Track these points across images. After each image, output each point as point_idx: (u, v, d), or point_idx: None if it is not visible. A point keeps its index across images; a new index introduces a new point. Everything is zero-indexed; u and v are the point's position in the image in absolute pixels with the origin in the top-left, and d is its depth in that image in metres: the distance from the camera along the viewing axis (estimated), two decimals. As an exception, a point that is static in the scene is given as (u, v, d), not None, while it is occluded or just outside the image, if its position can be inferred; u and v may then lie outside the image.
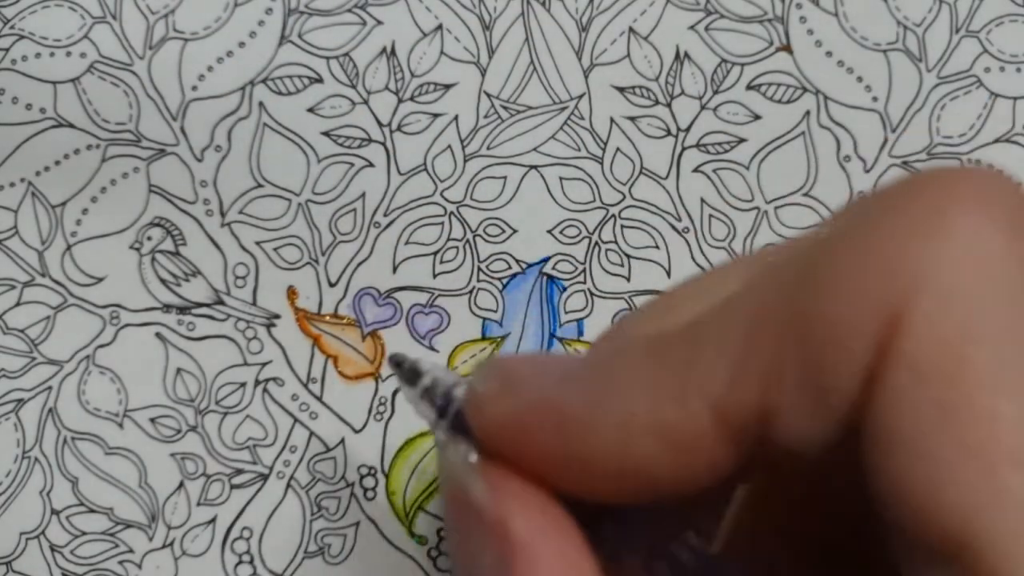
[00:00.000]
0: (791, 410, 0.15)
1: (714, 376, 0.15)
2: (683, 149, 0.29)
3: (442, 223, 0.28)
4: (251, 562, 0.28)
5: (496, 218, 0.28)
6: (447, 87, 0.28)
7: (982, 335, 0.14)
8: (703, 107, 0.29)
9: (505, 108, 0.28)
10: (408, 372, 0.23)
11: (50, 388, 0.28)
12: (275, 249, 0.28)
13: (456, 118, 0.28)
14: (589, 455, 0.16)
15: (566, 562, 0.17)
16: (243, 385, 0.28)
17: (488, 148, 0.28)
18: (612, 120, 0.29)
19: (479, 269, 0.28)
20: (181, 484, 0.28)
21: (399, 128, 0.28)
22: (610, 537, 0.17)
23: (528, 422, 0.17)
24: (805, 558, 0.19)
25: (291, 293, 0.28)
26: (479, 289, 0.28)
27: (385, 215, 0.28)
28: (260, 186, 0.28)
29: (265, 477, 0.28)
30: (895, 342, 0.14)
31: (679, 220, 0.29)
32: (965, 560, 0.14)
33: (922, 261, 0.14)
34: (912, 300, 0.14)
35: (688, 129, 0.29)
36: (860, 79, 0.29)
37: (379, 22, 0.28)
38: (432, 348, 0.28)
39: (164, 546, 0.28)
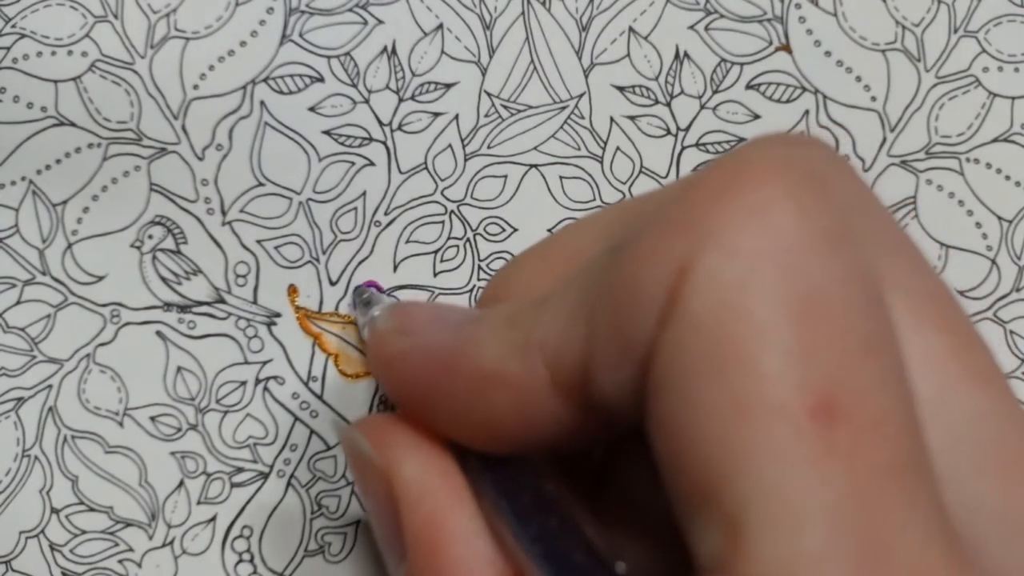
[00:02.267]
0: (602, 360, 0.16)
1: (550, 335, 0.17)
2: (683, 148, 0.29)
3: (443, 222, 0.28)
4: (251, 561, 0.28)
5: (496, 217, 0.29)
6: (448, 86, 0.29)
7: (755, 292, 0.14)
8: (703, 106, 0.29)
9: (505, 107, 0.29)
10: (364, 301, 0.27)
11: (50, 386, 0.28)
12: (276, 248, 0.28)
13: (457, 117, 0.28)
14: (452, 397, 0.18)
15: (450, 498, 0.18)
16: (243, 383, 0.28)
17: (488, 147, 0.29)
18: (612, 119, 0.29)
19: (479, 268, 0.28)
20: (181, 483, 0.28)
21: (400, 127, 0.28)
22: (490, 489, 0.19)
23: (412, 361, 0.19)
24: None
25: (292, 292, 0.28)
26: (480, 288, 0.28)
27: (386, 214, 0.28)
28: (261, 185, 0.28)
29: (265, 476, 0.28)
30: (680, 293, 0.15)
31: (679, 219, 0.29)
32: (717, 508, 0.14)
33: (712, 220, 0.15)
34: (698, 255, 0.15)
35: (688, 128, 0.29)
36: (859, 79, 0.29)
37: (380, 21, 0.28)
38: (433, 347, 0.28)
39: (164, 545, 0.28)
